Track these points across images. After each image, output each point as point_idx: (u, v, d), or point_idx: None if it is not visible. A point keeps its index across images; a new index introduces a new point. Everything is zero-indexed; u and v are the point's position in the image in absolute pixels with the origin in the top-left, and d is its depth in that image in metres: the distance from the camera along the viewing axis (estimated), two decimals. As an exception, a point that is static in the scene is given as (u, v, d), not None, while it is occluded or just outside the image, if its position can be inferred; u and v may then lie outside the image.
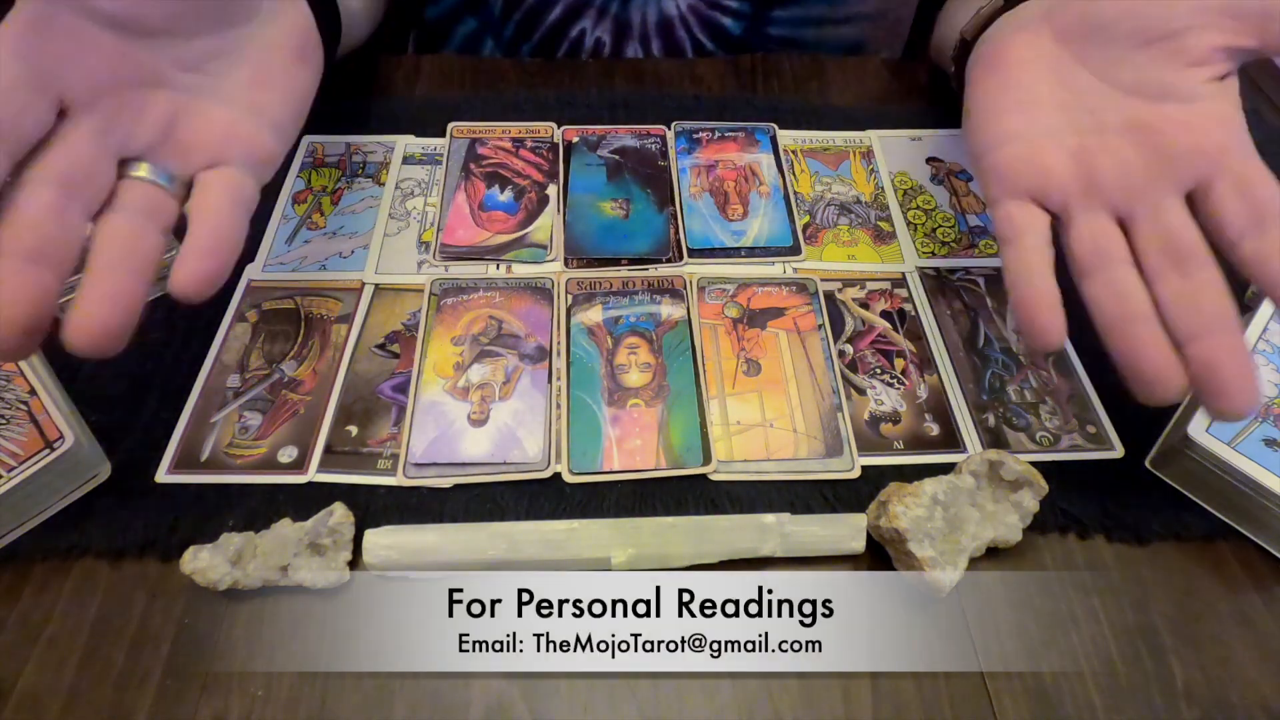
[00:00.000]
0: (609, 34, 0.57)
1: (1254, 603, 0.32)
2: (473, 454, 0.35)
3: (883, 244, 0.44)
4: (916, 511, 0.30)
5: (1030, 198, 0.34)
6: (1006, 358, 0.39)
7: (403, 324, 0.39)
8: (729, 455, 0.35)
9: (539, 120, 0.50)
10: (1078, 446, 0.36)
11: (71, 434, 0.31)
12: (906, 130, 0.51)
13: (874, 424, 0.36)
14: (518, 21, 0.57)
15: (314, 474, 0.34)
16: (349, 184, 0.46)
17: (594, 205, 0.45)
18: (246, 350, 0.38)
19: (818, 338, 0.39)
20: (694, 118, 0.51)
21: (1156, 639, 0.31)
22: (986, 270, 0.43)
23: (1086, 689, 0.29)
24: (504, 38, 0.59)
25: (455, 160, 0.47)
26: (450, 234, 0.43)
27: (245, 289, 0.41)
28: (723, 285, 0.42)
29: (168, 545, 0.31)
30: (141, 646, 0.29)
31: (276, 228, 0.44)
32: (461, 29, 0.60)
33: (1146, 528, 0.33)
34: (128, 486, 0.33)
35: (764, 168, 0.48)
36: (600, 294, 0.41)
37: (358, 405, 0.36)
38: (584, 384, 0.37)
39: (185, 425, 0.35)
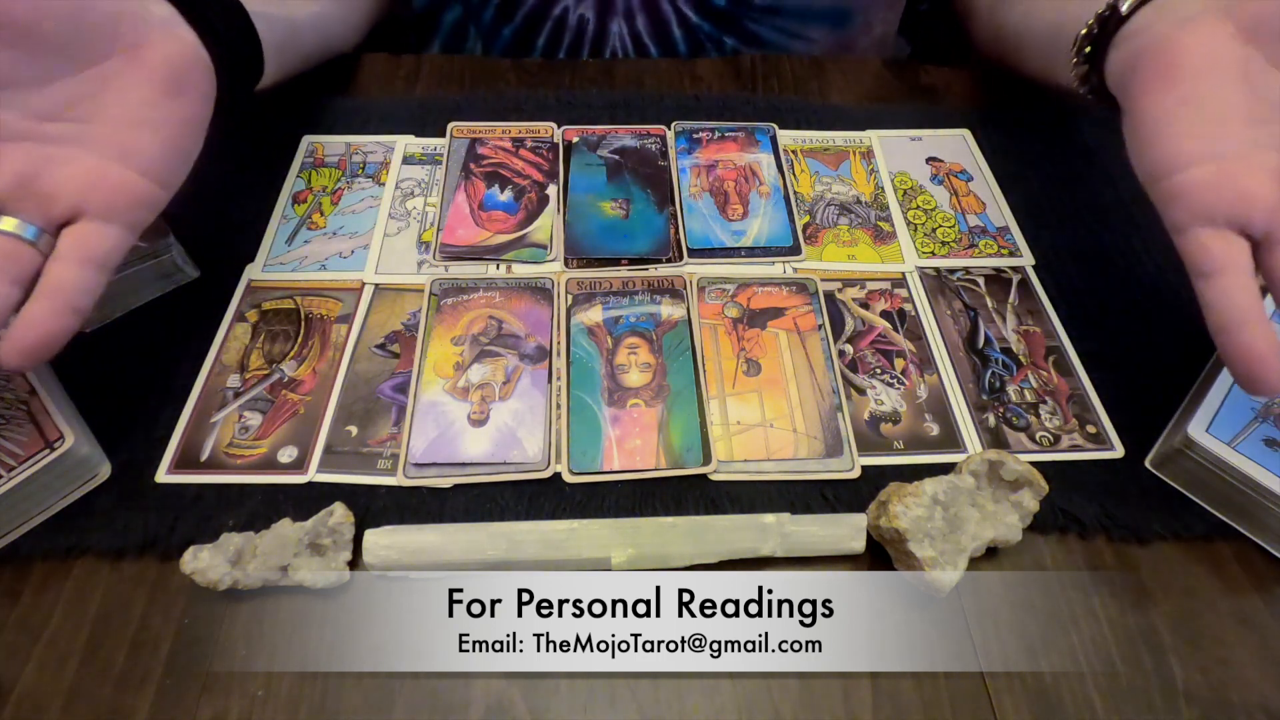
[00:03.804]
0: (592, 10, 0.56)
1: (1254, 603, 0.32)
2: (473, 454, 0.35)
3: (883, 244, 0.44)
4: (916, 511, 0.30)
5: (1227, 224, 0.31)
6: (1006, 358, 0.39)
7: (403, 324, 0.39)
8: (729, 455, 0.35)
9: (539, 120, 0.50)
10: (1078, 446, 0.36)
11: (71, 434, 0.31)
12: (906, 130, 0.51)
13: (874, 424, 0.36)
14: (498, 3, 0.57)
15: (314, 474, 0.34)
16: (349, 184, 0.46)
17: (594, 205, 0.45)
18: (246, 350, 0.38)
19: (818, 338, 0.39)
20: (694, 118, 0.51)
21: (1156, 639, 0.31)
22: (986, 270, 0.43)
23: (1086, 689, 0.29)
24: (484, 20, 0.58)
25: (455, 160, 0.47)
26: (450, 234, 0.43)
27: (245, 289, 0.41)
28: (723, 285, 0.42)
29: (168, 545, 0.31)
30: (141, 646, 0.29)
31: (276, 228, 0.44)
32: (449, 16, 0.59)
33: (1146, 528, 0.33)
34: (128, 486, 0.33)
35: (764, 168, 0.48)
36: (600, 294, 0.41)
37: (358, 405, 0.36)
38: (584, 384, 0.37)
39: (185, 425, 0.35)
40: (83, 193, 0.31)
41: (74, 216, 0.31)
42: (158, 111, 0.33)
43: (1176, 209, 0.32)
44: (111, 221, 0.31)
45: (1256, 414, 0.33)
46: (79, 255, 0.30)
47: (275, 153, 0.48)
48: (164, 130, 0.33)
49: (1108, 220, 0.46)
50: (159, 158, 0.33)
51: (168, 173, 0.34)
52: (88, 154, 0.31)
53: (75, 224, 0.31)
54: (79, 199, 0.31)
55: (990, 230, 0.45)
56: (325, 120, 0.50)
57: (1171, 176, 0.32)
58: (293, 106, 0.50)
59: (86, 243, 0.31)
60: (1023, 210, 0.46)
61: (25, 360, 0.28)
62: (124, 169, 0.32)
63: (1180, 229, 0.32)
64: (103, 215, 0.31)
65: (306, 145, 0.48)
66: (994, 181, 0.48)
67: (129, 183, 0.32)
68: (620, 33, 0.58)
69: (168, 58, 0.34)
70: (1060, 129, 0.51)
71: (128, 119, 0.32)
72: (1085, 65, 0.40)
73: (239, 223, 0.44)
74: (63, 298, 0.29)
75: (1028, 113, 0.52)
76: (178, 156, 0.34)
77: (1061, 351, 0.39)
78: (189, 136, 0.35)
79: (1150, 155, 0.33)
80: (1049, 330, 0.40)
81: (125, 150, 0.32)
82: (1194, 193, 0.31)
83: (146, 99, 0.33)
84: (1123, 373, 0.38)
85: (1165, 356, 0.38)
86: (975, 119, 0.52)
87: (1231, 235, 0.31)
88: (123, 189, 0.32)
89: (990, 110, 0.53)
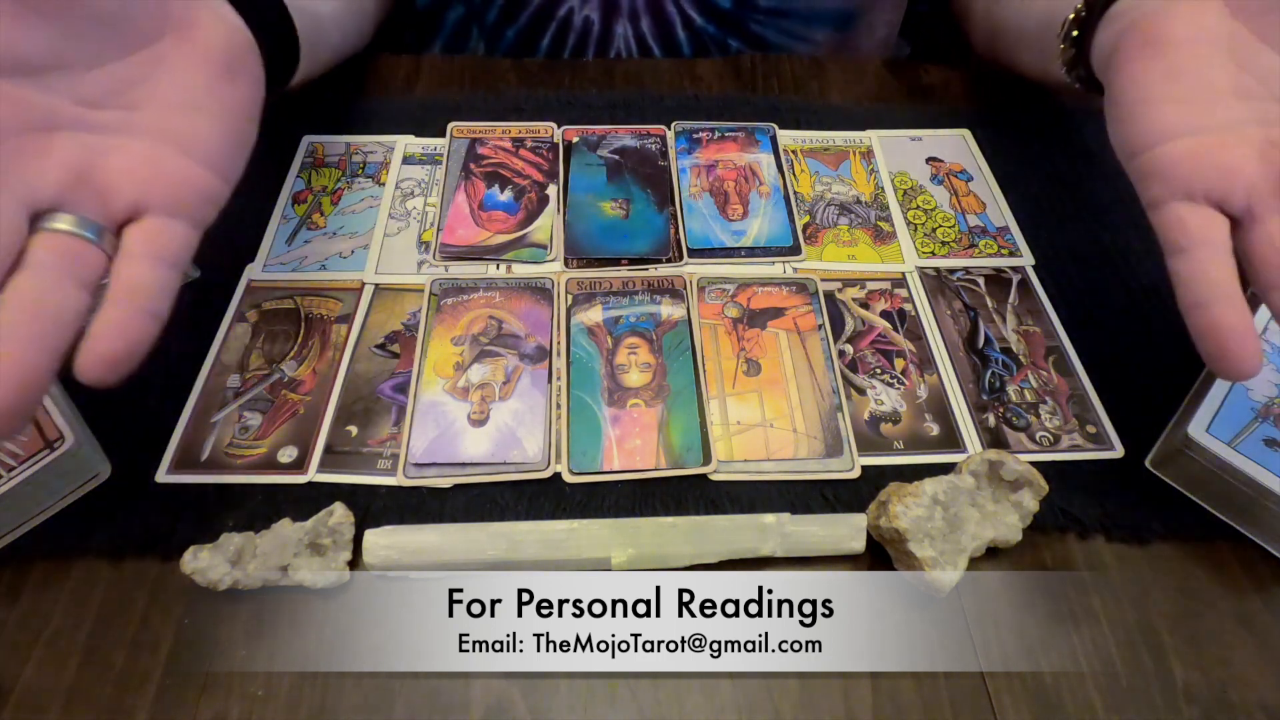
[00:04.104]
0: (597, 12, 0.56)
1: (1254, 603, 0.32)
2: (473, 454, 0.35)
3: (883, 244, 0.44)
4: (916, 511, 0.30)
5: (1206, 199, 0.30)
6: (1006, 358, 0.39)
7: (403, 324, 0.39)
8: (729, 455, 0.35)
9: (539, 120, 0.50)
10: (1078, 446, 0.36)
11: (71, 434, 0.31)
12: (906, 130, 0.51)
13: (874, 424, 0.36)
14: (502, 4, 0.56)
15: (314, 474, 0.34)
16: (349, 184, 0.46)
17: (594, 205, 0.45)
18: (246, 350, 0.38)
19: (818, 338, 0.39)
20: (694, 118, 0.51)
21: (1156, 639, 0.31)
22: (986, 270, 0.43)
23: (1086, 689, 0.29)
24: (488, 21, 0.58)
25: (455, 160, 0.47)
26: (450, 234, 0.43)
27: (245, 289, 0.41)
28: (723, 285, 0.42)
29: (168, 545, 0.31)
30: (141, 646, 0.29)
31: (276, 228, 0.44)
32: (452, 15, 0.59)
33: (1146, 528, 0.33)
34: (128, 486, 0.33)
35: (764, 168, 0.48)
36: (600, 294, 0.41)
37: (358, 405, 0.36)
38: (584, 384, 0.37)
39: (185, 425, 0.35)
40: (144, 186, 0.28)
41: (136, 213, 0.28)
42: (214, 97, 0.31)
43: (1155, 183, 0.31)
44: (177, 217, 0.29)
45: (1256, 414, 0.33)
46: (150, 253, 0.27)
47: (275, 153, 0.48)
48: (222, 117, 0.31)
49: (1108, 220, 0.46)
50: (219, 147, 0.31)
51: (227, 164, 0.31)
52: (144, 143, 0.29)
53: (139, 220, 0.28)
54: (140, 193, 0.28)
55: (990, 230, 0.45)
56: (325, 120, 0.50)
57: (1151, 149, 0.31)
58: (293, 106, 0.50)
59: (156, 240, 0.28)
60: (1023, 210, 0.46)
61: (109, 372, 0.25)
62: (184, 159, 0.29)
63: (1157, 204, 0.31)
64: (167, 210, 0.28)
65: (306, 145, 0.48)
66: (994, 181, 0.48)
67: (191, 174, 0.29)
68: (625, 34, 0.57)
69: (220, 39, 0.32)
70: (1060, 129, 0.51)
71: (183, 104, 0.30)
72: (1073, 49, 0.40)
73: (239, 223, 0.43)
74: (141, 300, 0.26)
75: (1028, 113, 0.52)
76: (237, 146, 0.32)
77: (1061, 351, 0.39)
78: (245, 124, 0.33)
79: (1130, 129, 0.32)
80: (1049, 330, 0.40)
81: (184, 139, 0.30)
82: (1173, 166, 0.30)
83: (202, 83, 0.31)
84: (1123, 373, 0.38)
85: (1165, 356, 0.38)
86: (975, 119, 0.52)
87: (1210, 211, 0.30)
88: (186, 181, 0.29)
89: (990, 110, 0.53)
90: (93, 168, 0.28)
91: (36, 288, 0.25)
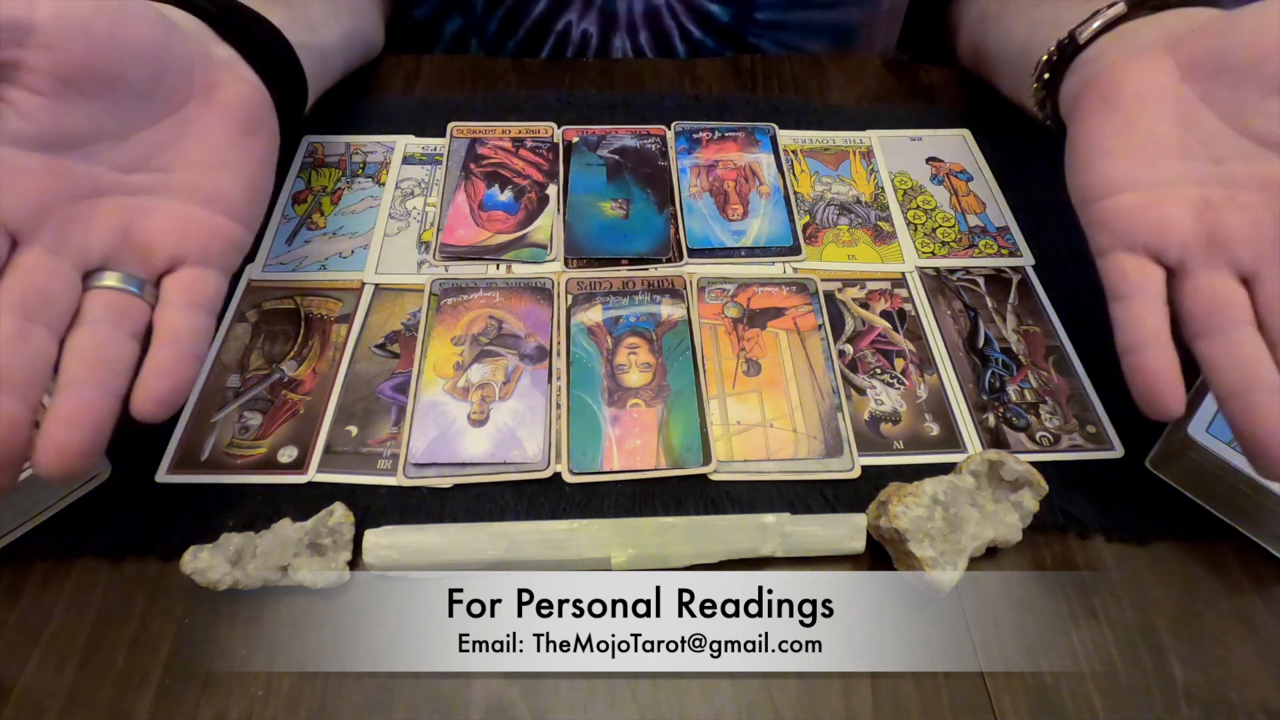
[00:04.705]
0: (595, 26, 0.57)
1: (1254, 603, 0.32)
2: (473, 454, 0.35)
3: (883, 244, 0.44)
4: (916, 511, 0.30)
5: (1145, 251, 0.32)
6: (1006, 358, 0.39)
7: (403, 324, 0.39)
8: (729, 455, 0.35)
9: (539, 120, 0.50)
10: (1078, 446, 0.36)
11: (71, 434, 0.31)
12: (906, 130, 0.51)
13: (874, 424, 0.36)
14: (501, 17, 0.57)
15: (314, 474, 0.34)
16: (349, 184, 0.46)
17: (594, 205, 0.45)
18: (246, 350, 0.38)
19: (818, 338, 0.39)
20: (694, 118, 0.51)
21: (1156, 639, 0.31)
22: (986, 270, 0.43)
23: (1086, 689, 0.29)
24: (488, 34, 0.58)
25: (455, 160, 0.47)
26: (450, 234, 0.43)
27: (245, 289, 0.41)
28: (723, 285, 0.42)
29: (168, 545, 0.31)
30: (141, 646, 0.29)
31: (276, 228, 0.44)
32: (450, 26, 0.59)
33: (1146, 528, 0.33)
34: (128, 486, 0.33)
35: (764, 168, 0.48)
36: (600, 294, 0.41)
37: (358, 405, 0.36)
38: (584, 384, 0.37)
39: (185, 425, 0.35)
40: (179, 241, 0.31)
41: (173, 265, 0.31)
42: (236, 153, 0.34)
43: (1101, 233, 0.33)
44: (209, 266, 0.31)
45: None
46: (188, 301, 0.30)
47: (275, 153, 0.48)
48: (243, 171, 0.34)
49: (1108, 220, 0.46)
50: (242, 200, 0.33)
51: (250, 214, 0.34)
52: (176, 202, 0.31)
53: (175, 272, 0.31)
54: (176, 248, 0.31)
55: (990, 230, 0.45)
56: (325, 120, 0.50)
57: (1100, 200, 0.33)
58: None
59: (191, 289, 0.31)
60: (1023, 210, 0.46)
61: (160, 410, 0.28)
62: (212, 213, 0.32)
63: (1102, 252, 0.33)
64: (201, 261, 0.31)
65: (306, 145, 0.48)
66: (994, 181, 0.48)
67: (219, 226, 0.32)
68: (623, 47, 0.58)
69: (239, 99, 0.34)
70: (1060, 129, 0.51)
71: (209, 163, 0.33)
72: (1044, 91, 0.42)
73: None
74: (184, 344, 0.29)
75: (1028, 113, 0.52)
76: (258, 197, 0.35)
77: (1061, 351, 0.39)
78: (264, 176, 0.35)
79: (1083, 179, 0.35)
80: (1049, 330, 0.40)
81: (211, 195, 0.32)
82: (1118, 218, 0.33)
83: (225, 141, 0.33)
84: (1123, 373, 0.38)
85: (1165, 356, 0.38)
86: (975, 119, 0.52)
87: (1147, 262, 0.32)
88: (215, 233, 0.32)
89: (990, 110, 0.52)
90: (133, 228, 0.30)
91: (94, 341, 0.28)
